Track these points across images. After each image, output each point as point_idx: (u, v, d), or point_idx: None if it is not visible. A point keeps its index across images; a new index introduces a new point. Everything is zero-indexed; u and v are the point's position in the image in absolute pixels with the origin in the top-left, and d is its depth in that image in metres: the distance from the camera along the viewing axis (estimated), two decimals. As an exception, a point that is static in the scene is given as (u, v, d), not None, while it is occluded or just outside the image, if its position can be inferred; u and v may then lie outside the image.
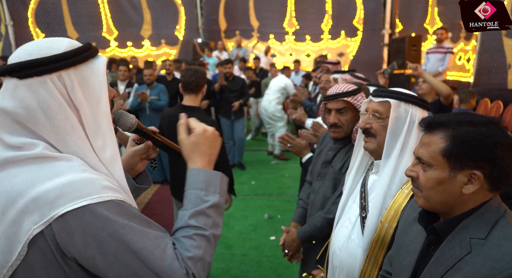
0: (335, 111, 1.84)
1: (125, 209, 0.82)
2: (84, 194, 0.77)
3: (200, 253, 0.86)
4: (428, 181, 0.98)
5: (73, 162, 0.82)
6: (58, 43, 0.85)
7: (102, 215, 0.78)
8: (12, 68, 0.81)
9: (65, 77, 0.82)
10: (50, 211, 0.76)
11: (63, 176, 0.78)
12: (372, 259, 1.37)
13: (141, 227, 0.82)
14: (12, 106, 0.80)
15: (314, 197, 2.00)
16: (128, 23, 10.01)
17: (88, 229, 0.77)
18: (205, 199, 0.92)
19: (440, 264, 0.96)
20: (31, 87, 0.80)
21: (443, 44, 6.36)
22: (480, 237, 0.92)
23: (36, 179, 0.78)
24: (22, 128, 0.82)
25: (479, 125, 0.93)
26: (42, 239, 0.77)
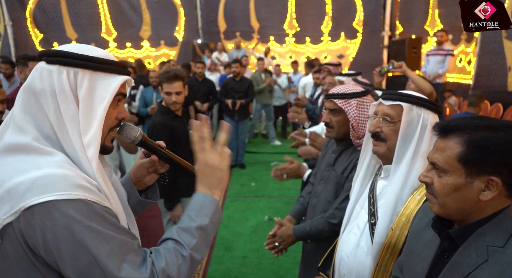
0: (328, 111, 1.87)
1: (93, 210, 0.82)
2: (53, 189, 0.79)
3: (173, 269, 0.86)
4: (444, 187, 0.95)
5: (56, 157, 0.86)
6: (96, 50, 0.96)
7: (66, 213, 0.79)
8: (46, 53, 0.92)
9: (80, 75, 0.91)
10: (19, 203, 0.78)
11: (40, 169, 0.81)
12: (383, 267, 1.33)
13: (106, 231, 0.82)
14: (34, 84, 0.90)
15: (316, 200, 1.97)
16: (127, 24, 9.97)
17: (51, 225, 0.78)
18: (194, 218, 0.93)
19: (455, 271, 0.93)
20: (51, 73, 0.90)
21: (443, 46, 6.36)
22: (498, 245, 0.89)
23: (15, 170, 0.82)
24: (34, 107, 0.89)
25: (497, 129, 0.90)
26: (12, 230, 0.80)
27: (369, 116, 1.49)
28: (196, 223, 0.92)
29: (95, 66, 0.92)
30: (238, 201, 4.98)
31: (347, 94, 1.81)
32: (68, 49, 0.92)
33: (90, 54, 0.92)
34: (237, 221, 4.34)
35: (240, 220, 4.37)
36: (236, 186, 5.55)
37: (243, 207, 4.77)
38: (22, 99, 0.91)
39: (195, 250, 0.90)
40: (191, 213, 0.94)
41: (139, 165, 1.18)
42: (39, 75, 0.91)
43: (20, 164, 0.83)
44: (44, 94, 0.89)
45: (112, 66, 0.94)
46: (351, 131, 1.81)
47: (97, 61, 0.92)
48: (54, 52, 0.91)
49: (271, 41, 10.33)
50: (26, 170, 0.82)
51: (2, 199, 0.80)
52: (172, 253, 0.88)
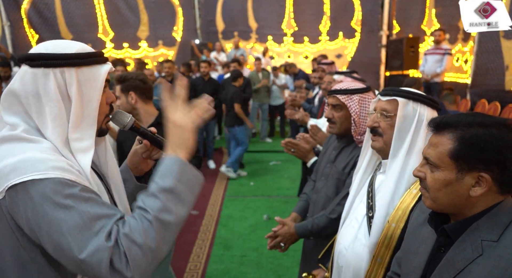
0: (331, 106, 1.89)
1: (68, 188, 0.86)
2: (32, 170, 0.85)
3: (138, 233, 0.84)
4: (435, 182, 0.97)
5: (42, 144, 0.92)
6: (73, 44, 0.98)
7: (42, 191, 0.85)
8: (27, 57, 0.95)
9: (67, 74, 0.94)
10: (4, 183, 0.86)
11: (23, 154, 0.88)
12: (379, 259, 1.36)
13: (80, 206, 0.85)
14: (17, 88, 0.95)
15: (317, 196, 1.99)
16: (125, 24, 9.94)
17: (30, 203, 0.85)
18: (157, 181, 0.91)
19: (450, 266, 0.95)
20: (35, 76, 0.93)
21: (441, 46, 6.39)
22: (492, 239, 0.90)
23: (4, 155, 0.89)
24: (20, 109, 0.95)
25: (490, 127, 0.91)
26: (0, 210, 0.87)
27: (369, 112, 1.53)
28: (158, 185, 0.90)
29: (79, 62, 0.95)
30: (237, 200, 4.99)
31: (350, 90, 1.83)
32: (45, 50, 0.95)
33: (71, 52, 0.95)
34: (236, 220, 4.34)
35: (239, 219, 4.38)
36: (235, 185, 5.55)
37: (242, 206, 4.77)
38: (7, 103, 0.96)
39: (162, 212, 0.87)
40: (155, 178, 0.92)
41: (134, 151, 1.23)
42: (20, 79, 0.94)
43: (9, 150, 0.90)
44: (26, 95, 0.93)
45: (94, 58, 0.98)
46: (353, 127, 1.82)
47: (80, 57, 0.95)
48: (35, 55, 0.94)
49: (269, 41, 10.32)
50: (12, 154, 0.89)
51: None
52: (136, 219, 0.87)
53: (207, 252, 3.64)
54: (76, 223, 0.84)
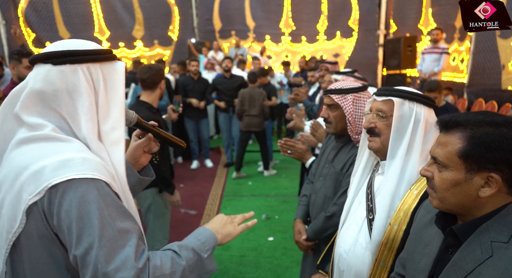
0: (327, 106, 1.89)
1: (105, 193, 0.89)
2: (74, 170, 0.86)
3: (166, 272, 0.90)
4: (443, 182, 0.95)
5: (74, 143, 0.93)
6: (90, 43, 1.02)
7: (82, 192, 0.85)
8: (50, 55, 0.95)
9: (92, 69, 0.98)
10: (43, 183, 0.85)
11: (61, 154, 0.89)
12: (382, 262, 1.34)
13: (112, 216, 0.87)
14: (43, 88, 0.94)
15: (315, 197, 1.98)
16: (120, 24, 9.87)
17: (66, 204, 0.84)
18: (199, 246, 1.01)
19: (459, 268, 0.93)
20: (63, 73, 0.94)
21: (438, 45, 6.40)
22: (502, 241, 0.88)
23: (39, 155, 0.89)
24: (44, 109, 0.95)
25: (500, 126, 0.89)
26: (36, 209, 0.86)
27: (365, 113, 1.51)
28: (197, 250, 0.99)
29: (102, 58, 0.99)
30: (235, 199, 4.98)
31: (344, 89, 1.82)
32: (67, 47, 0.97)
33: (90, 48, 0.99)
34: (235, 220, 4.34)
35: (238, 219, 4.37)
36: (234, 184, 5.55)
37: (240, 205, 4.76)
38: (31, 104, 0.94)
39: (190, 268, 0.95)
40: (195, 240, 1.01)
41: (136, 145, 1.28)
42: (44, 78, 0.94)
43: (42, 150, 0.90)
44: (54, 94, 0.94)
45: (109, 54, 1.03)
46: (349, 127, 1.82)
47: (100, 53, 1.00)
48: (60, 53, 0.95)
49: (266, 40, 10.32)
50: (48, 154, 0.89)
51: (27, 181, 0.87)
52: (169, 259, 0.92)
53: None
54: (107, 232, 0.85)
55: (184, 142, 1.30)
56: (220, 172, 6.17)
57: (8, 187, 0.90)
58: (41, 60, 0.96)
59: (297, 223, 2.09)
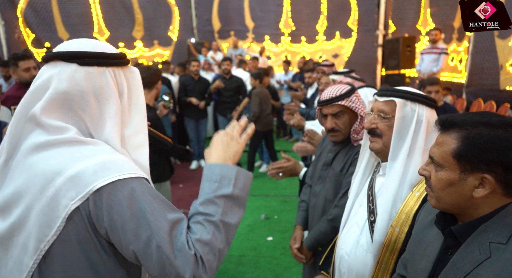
0: (331, 116, 1.83)
1: (149, 188, 0.90)
2: (116, 171, 0.86)
3: (207, 237, 0.89)
4: (439, 182, 0.96)
5: (101, 146, 0.92)
6: (108, 45, 1.00)
7: (129, 191, 0.86)
8: (77, 55, 0.92)
9: (116, 73, 0.98)
10: (86, 187, 0.84)
11: (95, 156, 0.87)
12: (383, 264, 1.33)
13: (161, 207, 0.88)
14: (69, 89, 0.91)
15: (316, 200, 1.96)
16: (120, 24, 9.87)
17: (116, 205, 0.84)
18: (217, 189, 0.96)
19: (457, 268, 0.93)
20: (90, 75, 0.92)
21: (437, 45, 6.41)
22: (500, 242, 0.88)
23: (71, 159, 0.87)
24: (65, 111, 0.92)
25: (496, 127, 0.89)
26: (78, 214, 0.85)
27: (366, 113, 1.50)
28: (218, 192, 0.95)
29: (124, 62, 1.00)
30: (235, 200, 4.98)
31: (345, 93, 1.80)
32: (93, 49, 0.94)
33: (114, 52, 0.99)
34: (234, 220, 4.34)
35: (237, 219, 4.37)
36: (232, 185, 5.54)
37: (239, 206, 4.77)
38: (55, 105, 0.91)
39: (224, 215, 0.93)
40: (213, 185, 0.96)
41: None
42: (69, 78, 0.91)
43: (73, 154, 0.88)
44: (81, 95, 0.91)
45: (127, 59, 1.02)
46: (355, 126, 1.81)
47: (121, 57, 0.99)
48: (87, 54, 0.93)
49: (266, 40, 10.31)
50: (82, 158, 0.87)
51: (64, 186, 0.84)
52: (202, 224, 0.91)
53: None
54: (161, 223, 0.86)
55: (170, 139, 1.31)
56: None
57: (35, 194, 0.86)
58: (64, 58, 0.92)
59: (297, 229, 2.08)
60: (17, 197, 0.88)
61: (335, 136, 1.86)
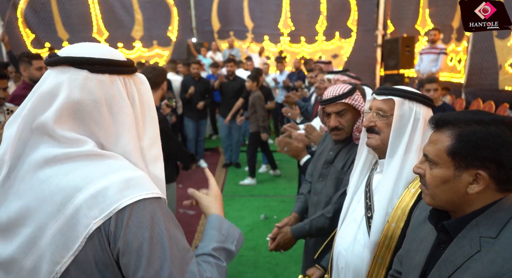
0: (335, 114, 1.84)
1: (167, 211, 0.87)
2: (141, 189, 0.82)
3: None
4: (433, 179, 0.97)
5: (121, 160, 0.86)
6: (117, 52, 0.95)
7: (151, 212, 0.81)
8: (88, 61, 0.86)
9: (127, 82, 0.92)
10: (110, 206, 0.78)
11: (118, 173, 0.82)
12: (380, 259, 1.36)
13: (176, 234, 0.85)
14: (81, 97, 0.85)
15: (317, 198, 1.97)
16: (119, 24, 9.87)
17: (135, 226, 0.80)
18: (224, 242, 1.00)
19: (449, 262, 0.95)
20: (102, 83, 0.86)
21: (436, 45, 6.42)
22: (490, 236, 0.91)
23: (92, 175, 0.80)
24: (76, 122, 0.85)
25: (488, 124, 0.91)
26: (99, 234, 0.79)
27: (365, 111, 1.53)
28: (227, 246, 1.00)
29: (132, 70, 0.94)
30: (234, 200, 4.99)
31: (348, 91, 1.82)
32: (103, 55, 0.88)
33: (124, 59, 0.94)
34: (233, 220, 4.34)
35: (236, 218, 4.37)
36: (232, 185, 5.55)
37: (239, 206, 4.77)
38: (68, 115, 0.84)
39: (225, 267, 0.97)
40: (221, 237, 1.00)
41: None
42: (81, 86, 0.84)
43: (94, 169, 0.82)
44: (94, 105, 0.85)
45: (135, 67, 0.97)
46: (357, 124, 1.83)
47: (131, 65, 0.94)
48: (99, 61, 0.87)
49: (265, 40, 10.32)
50: (104, 173, 0.81)
51: (86, 204, 0.78)
52: (212, 266, 0.92)
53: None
54: (176, 251, 0.83)
55: None
56: (218, 172, 6.17)
57: (50, 212, 0.79)
58: (74, 64, 0.85)
59: (291, 215, 2.08)
60: (25, 215, 0.81)
61: (338, 135, 1.87)
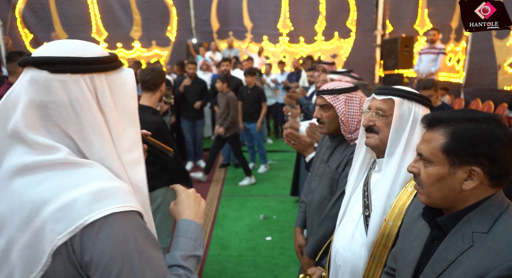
0: (319, 107, 1.89)
1: (141, 226, 0.81)
2: (112, 202, 0.76)
3: None
4: (429, 177, 0.99)
5: (97, 169, 0.80)
6: (93, 47, 0.86)
7: (122, 228, 0.76)
8: (47, 61, 0.80)
9: (96, 80, 0.83)
10: (76, 221, 0.73)
11: (90, 183, 0.76)
12: (377, 258, 1.37)
13: (149, 251, 0.80)
14: (45, 100, 0.79)
15: (312, 197, 1.99)
16: (118, 24, 9.86)
17: (102, 242, 0.74)
18: (194, 248, 0.96)
19: (442, 258, 0.97)
20: (64, 83, 0.80)
21: (435, 45, 6.42)
22: (482, 231, 0.93)
23: (62, 186, 0.75)
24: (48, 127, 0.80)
25: (480, 122, 0.94)
26: (66, 249, 0.74)
27: (363, 111, 1.54)
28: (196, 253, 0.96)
29: (107, 67, 0.85)
30: (233, 200, 4.99)
31: (336, 90, 1.84)
32: (66, 53, 0.81)
33: (97, 55, 0.85)
34: (233, 220, 4.34)
35: (236, 219, 4.38)
36: (231, 185, 5.55)
37: (238, 206, 4.77)
38: (29, 117, 0.79)
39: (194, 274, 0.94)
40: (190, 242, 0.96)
41: None
42: (44, 88, 0.79)
43: (64, 179, 0.77)
44: (57, 107, 0.79)
45: (118, 62, 0.89)
46: (342, 126, 1.83)
47: (107, 61, 0.85)
48: (58, 59, 0.80)
49: (264, 40, 10.32)
50: (74, 184, 0.76)
51: (53, 218, 0.73)
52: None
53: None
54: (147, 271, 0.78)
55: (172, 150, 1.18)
56: (218, 172, 6.17)
57: (19, 225, 0.75)
58: (35, 64, 0.80)
59: (297, 233, 2.11)
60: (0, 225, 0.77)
61: (321, 127, 1.93)
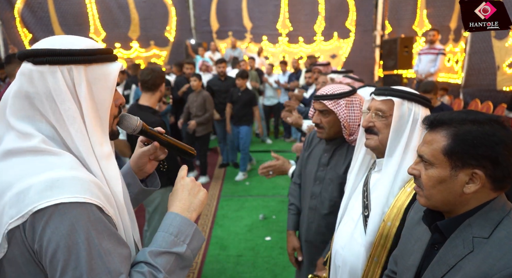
0: (318, 112, 1.84)
1: (96, 219, 0.79)
2: (63, 192, 0.76)
3: None
4: (429, 180, 0.97)
5: (64, 158, 0.83)
6: (81, 40, 0.90)
7: (69, 220, 0.76)
8: (30, 53, 0.85)
9: (75, 72, 0.86)
10: (26, 207, 0.75)
11: (50, 171, 0.79)
12: (375, 258, 1.37)
13: (103, 245, 0.79)
14: (28, 89, 0.85)
15: (317, 202, 1.92)
16: (116, 24, 9.87)
17: (50, 232, 0.75)
18: (172, 244, 0.90)
19: (442, 263, 0.96)
20: (43, 74, 0.84)
21: (435, 46, 6.43)
22: (483, 236, 0.91)
23: (25, 172, 0.79)
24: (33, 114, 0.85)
25: (482, 123, 0.92)
26: (19, 234, 0.76)
27: (363, 112, 1.53)
28: (173, 249, 0.89)
29: (88, 59, 0.86)
30: (233, 200, 4.99)
31: (336, 94, 1.79)
32: (51, 45, 0.85)
33: (79, 48, 0.87)
34: (232, 220, 4.34)
35: (235, 219, 4.38)
36: (231, 185, 5.55)
37: (237, 206, 4.77)
38: (16, 106, 0.85)
39: (170, 274, 0.87)
40: (168, 237, 0.90)
41: (141, 153, 1.17)
42: (28, 79, 0.84)
43: (29, 166, 0.80)
44: (39, 97, 0.84)
45: (103, 55, 0.90)
46: (344, 130, 1.81)
47: (88, 54, 0.87)
48: (39, 51, 0.84)
49: (264, 41, 10.33)
50: (35, 171, 0.79)
51: (10, 202, 0.76)
52: (146, 276, 0.84)
53: (203, 252, 3.64)
54: (96, 265, 0.77)
55: (194, 149, 1.16)
56: (217, 172, 6.17)
57: None
58: (22, 57, 0.86)
59: (291, 236, 2.08)
60: None
61: (320, 132, 1.89)
